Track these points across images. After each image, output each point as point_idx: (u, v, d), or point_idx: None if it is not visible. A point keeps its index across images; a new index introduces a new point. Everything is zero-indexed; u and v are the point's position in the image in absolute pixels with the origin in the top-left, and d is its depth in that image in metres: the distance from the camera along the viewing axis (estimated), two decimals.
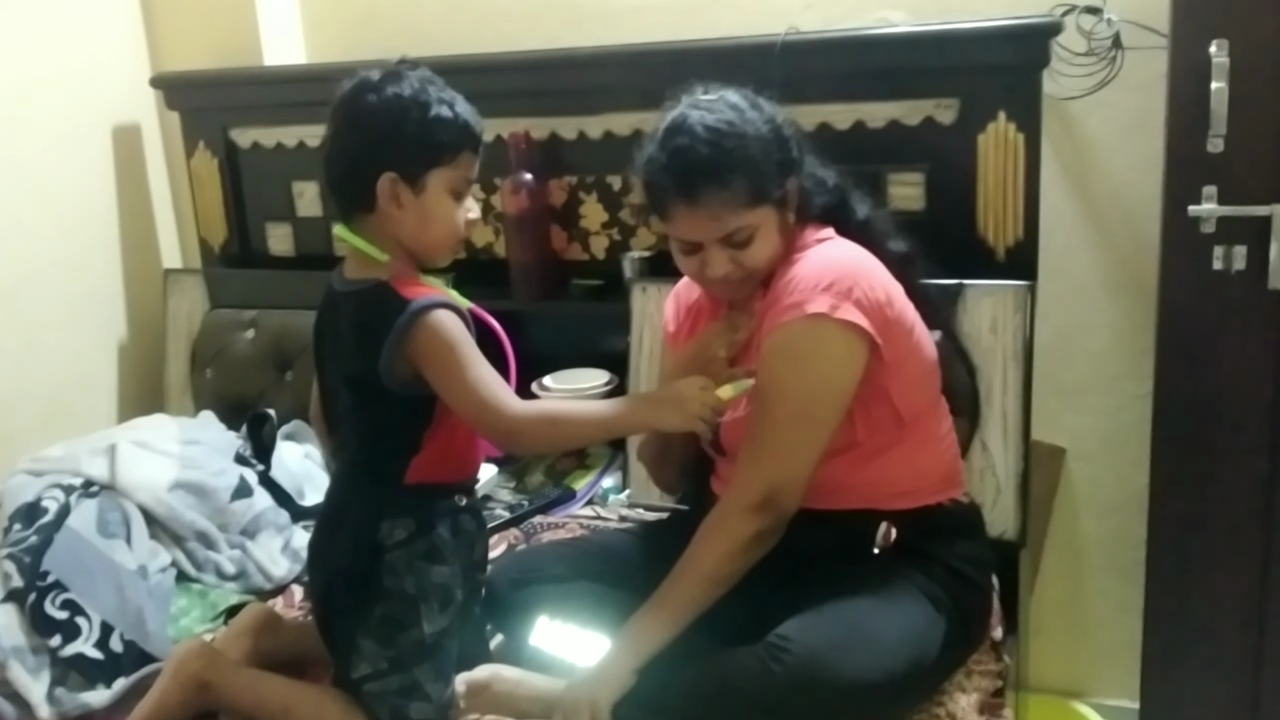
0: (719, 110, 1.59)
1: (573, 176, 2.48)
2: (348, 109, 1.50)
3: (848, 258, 1.62)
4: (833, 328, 1.54)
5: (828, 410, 1.58)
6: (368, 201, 1.50)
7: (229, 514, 2.06)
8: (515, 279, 2.47)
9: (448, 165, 1.50)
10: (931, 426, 1.71)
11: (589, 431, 1.57)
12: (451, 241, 1.55)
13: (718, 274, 1.61)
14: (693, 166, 1.55)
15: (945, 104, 2.14)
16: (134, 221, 2.82)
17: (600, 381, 2.42)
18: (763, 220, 1.59)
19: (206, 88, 2.75)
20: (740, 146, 1.56)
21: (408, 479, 1.53)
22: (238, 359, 2.63)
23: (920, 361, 1.67)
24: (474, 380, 1.46)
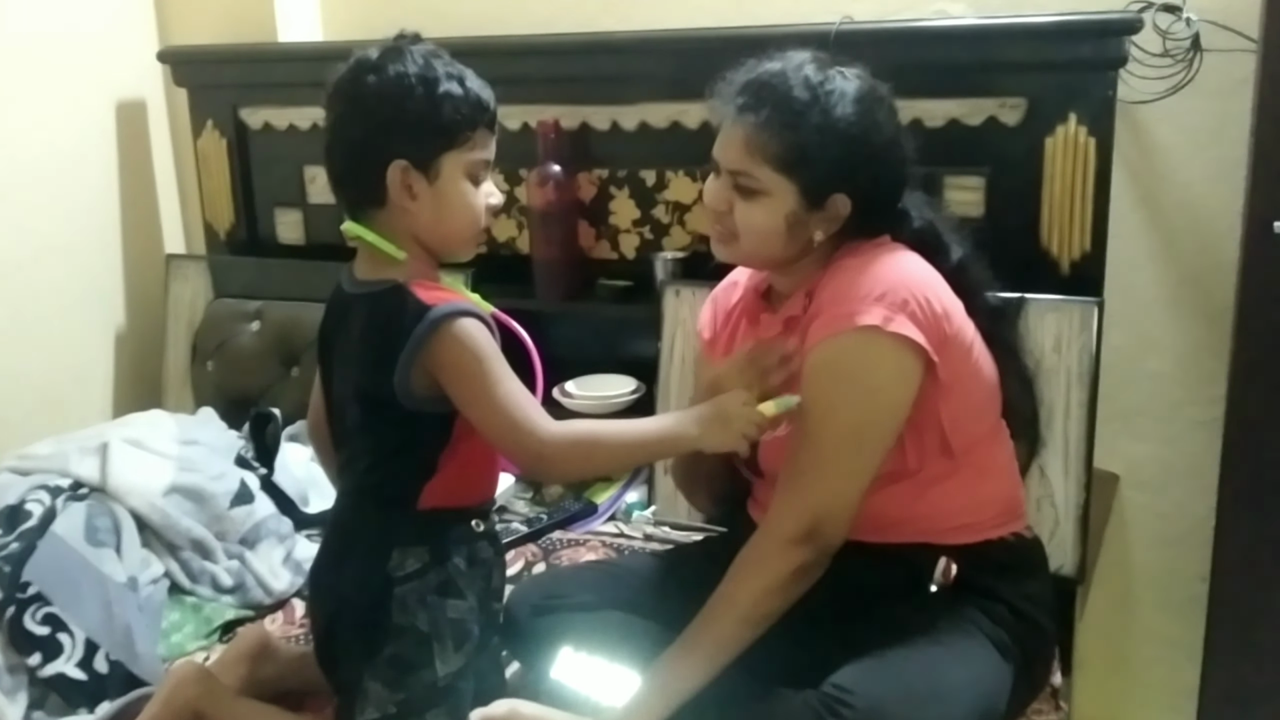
0: (838, 79, 1.46)
1: (603, 170, 2.34)
2: (347, 93, 1.35)
3: (903, 266, 1.47)
4: (885, 342, 1.40)
5: (878, 434, 1.44)
6: (377, 194, 1.36)
7: (227, 521, 1.91)
8: (539, 277, 2.33)
9: (462, 147, 1.36)
10: (991, 454, 1.57)
11: (627, 455, 1.43)
12: (473, 231, 1.41)
13: (708, 199, 1.52)
14: (764, 88, 1.44)
15: (1011, 103, 1.99)
16: (136, 203, 2.69)
17: (626, 389, 2.28)
18: (776, 193, 1.45)
19: (216, 64, 2.61)
20: (821, 117, 1.43)
21: (421, 504, 1.39)
22: (241, 352, 2.49)
23: (979, 384, 1.52)
24: (503, 398, 1.32)
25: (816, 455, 1.43)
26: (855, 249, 1.50)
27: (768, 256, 1.52)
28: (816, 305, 1.47)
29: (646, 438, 1.38)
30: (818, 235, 1.49)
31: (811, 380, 1.44)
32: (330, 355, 1.46)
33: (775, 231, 1.47)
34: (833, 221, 1.48)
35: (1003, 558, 1.55)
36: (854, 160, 1.45)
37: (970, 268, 1.54)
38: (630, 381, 2.31)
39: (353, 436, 1.43)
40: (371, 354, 1.35)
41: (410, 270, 1.37)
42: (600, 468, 1.64)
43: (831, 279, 1.47)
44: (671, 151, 2.26)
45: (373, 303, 1.37)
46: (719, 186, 1.50)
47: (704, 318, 1.73)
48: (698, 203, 2.27)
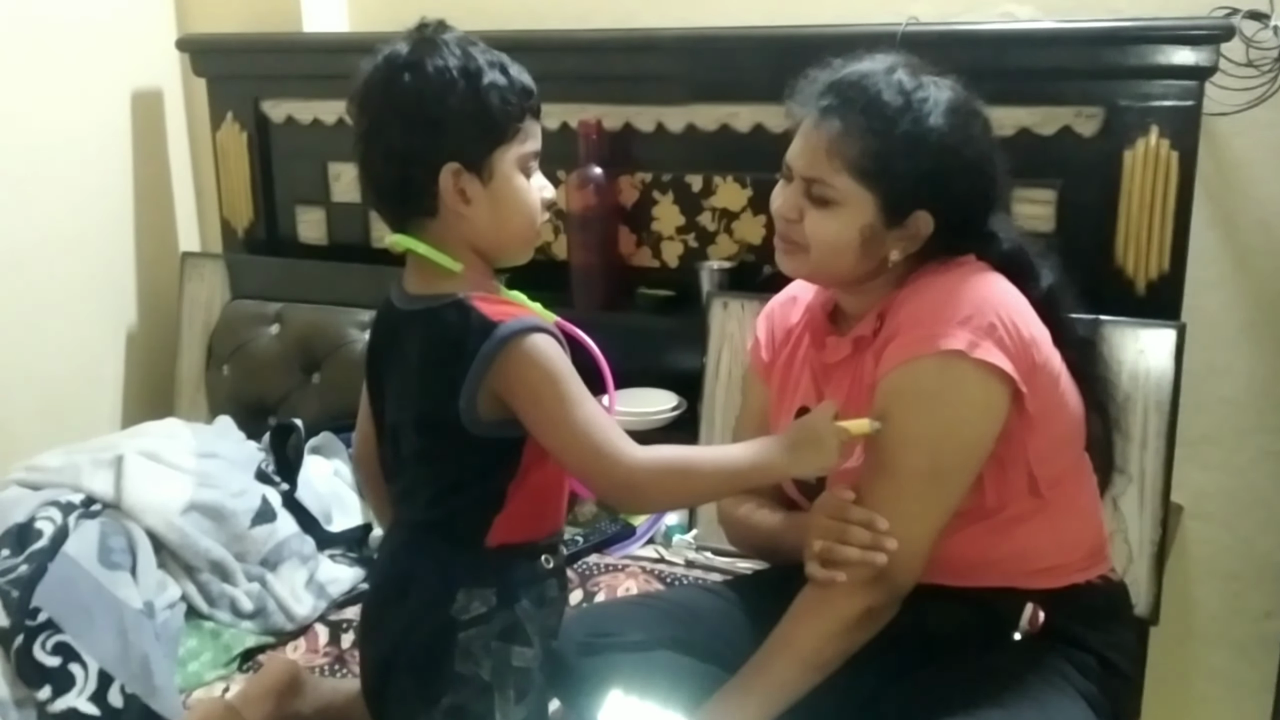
0: (931, 87, 1.35)
1: (646, 173, 2.23)
2: (382, 95, 1.23)
3: (990, 288, 1.36)
4: (970, 369, 1.29)
5: (958, 469, 1.33)
6: (428, 203, 1.24)
7: (248, 541, 1.80)
8: (576, 284, 2.22)
9: (514, 140, 1.24)
10: (1076, 490, 1.45)
11: (722, 484, 1.31)
12: (532, 229, 1.29)
13: (777, 205, 1.41)
14: (852, 89, 1.34)
15: (1087, 113, 1.88)
16: (151, 198, 2.58)
17: (667, 406, 2.17)
18: (853, 204, 1.34)
19: (238, 53, 2.50)
20: (912, 125, 1.32)
21: (489, 541, 1.27)
22: (259, 357, 2.38)
23: (1066, 417, 1.41)
24: (584, 422, 1.20)
25: (890, 489, 1.32)
26: (936, 268, 1.39)
27: (837, 272, 1.41)
28: (892, 326, 1.36)
29: (739, 465, 1.27)
30: (894, 254, 1.38)
31: (887, 406, 1.32)
32: (381, 378, 1.34)
33: (848, 245, 1.36)
34: (912, 240, 1.37)
35: (1091, 603, 1.44)
36: (942, 175, 1.34)
37: (1060, 295, 1.43)
38: (671, 397, 2.19)
39: (411, 466, 1.31)
40: (433, 376, 1.24)
41: (468, 282, 1.26)
42: (692, 498, 1.51)
43: (910, 298, 1.36)
44: (720, 155, 2.16)
45: (431, 320, 1.25)
46: (790, 192, 1.39)
47: (760, 333, 1.61)
48: (746, 210, 2.16)
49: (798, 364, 1.53)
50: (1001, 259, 1.41)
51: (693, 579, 1.93)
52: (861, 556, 1.29)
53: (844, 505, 1.32)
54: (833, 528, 1.31)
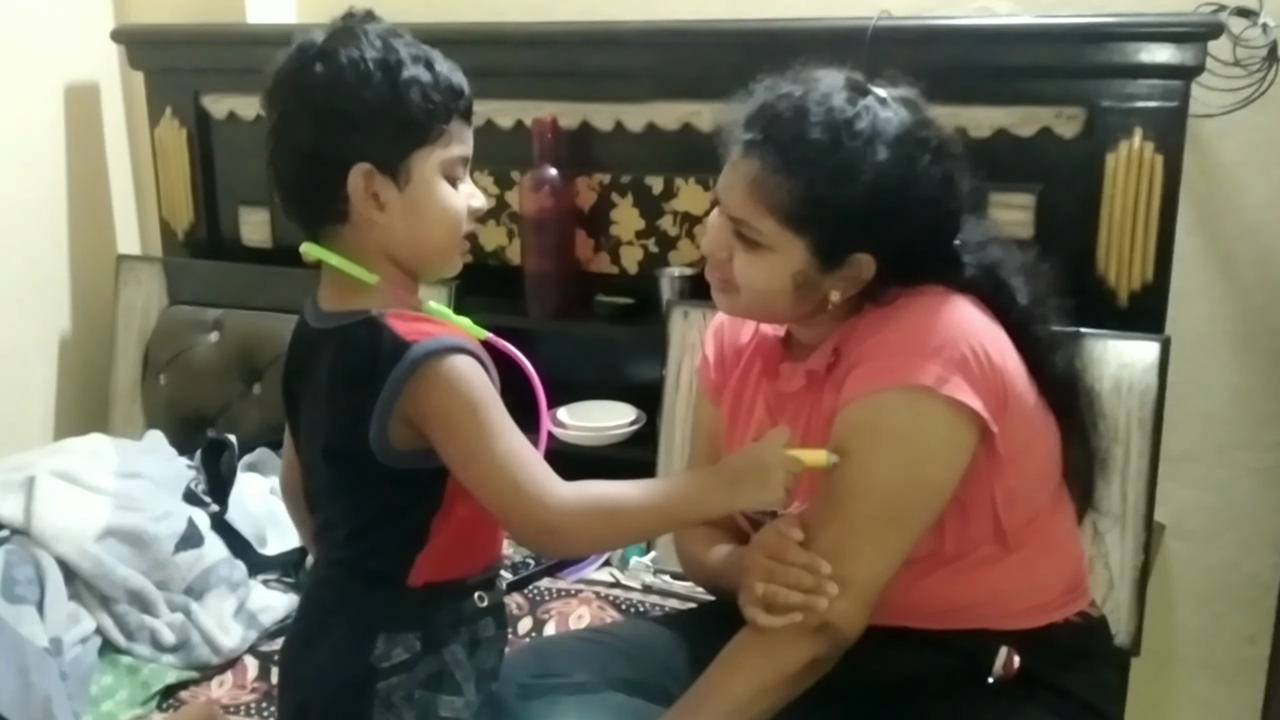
0: (873, 112, 1.20)
1: (605, 174, 2.12)
2: (291, 87, 1.11)
3: (959, 316, 1.24)
4: (938, 406, 1.18)
5: (916, 512, 1.22)
6: (338, 207, 1.11)
7: (171, 568, 1.68)
8: (530, 291, 2.11)
9: (435, 142, 1.12)
10: (1052, 525, 1.34)
11: (655, 522, 1.19)
12: (454, 240, 1.16)
13: (706, 244, 1.30)
14: (775, 122, 1.20)
15: (1068, 114, 1.78)
16: (86, 197, 2.45)
17: (625, 420, 2.06)
18: (781, 250, 1.22)
19: (177, 45, 2.37)
20: (840, 166, 1.18)
21: (412, 580, 1.15)
22: (197, 366, 2.25)
23: (1040, 455, 1.30)
24: (503, 455, 1.08)
25: (840, 530, 1.21)
26: (896, 296, 1.26)
27: (773, 314, 1.30)
28: (854, 355, 1.24)
29: (673, 501, 1.15)
30: (834, 295, 1.25)
31: (844, 441, 1.21)
32: (297, 404, 1.22)
33: (780, 291, 1.24)
34: (852, 282, 1.25)
35: (1069, 643, 1.33)
36: (880, 217, 1.20)
37: (1037, 317, 1.31)
38: (629, 410, 2.08)
39: (325, 500, 1.19)
40: (342, 402, 1.12)
41: (384, 297, 1.14)
42: (620, 539, 1.34)
43: (872, 329, 1.25)
44: (681, 156, 2.04)
45: (341, 340, 1.13)
46: (719, 229, 1.27)
47: (708, 351, 1.49)
48: (709, 214, 2.04)
49: (750, 389, 1.41)
50: (969, 283, 1.28)
51: (649, 605, 1.83)
52: (803, 601, 1.18)
53: (784, 544, 1.21)
54: (773, 569, 1.20)
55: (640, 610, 1.82)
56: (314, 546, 1.28)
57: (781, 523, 1.23)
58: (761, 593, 1.20)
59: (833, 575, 1.18)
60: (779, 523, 1.24)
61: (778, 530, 1.23)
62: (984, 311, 1.26)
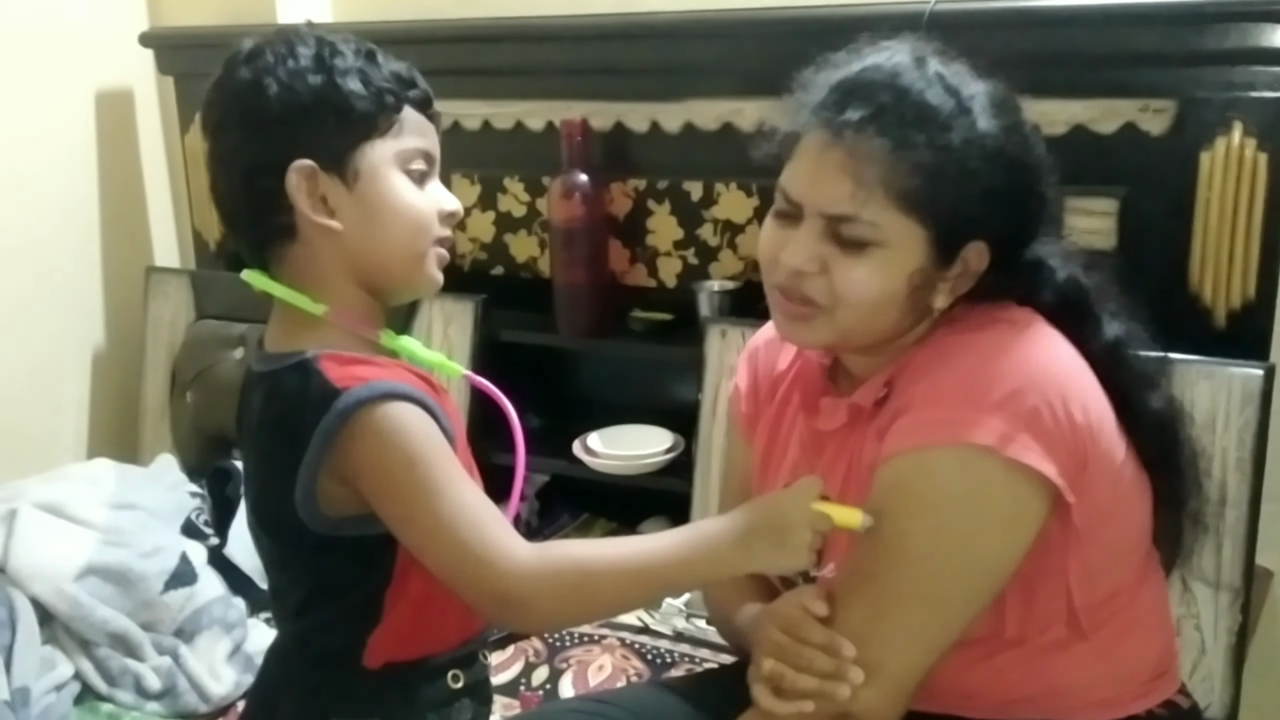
0: (967, 80, 1.04)
1: (640, 179, 1.96)
2: (219, 98, 1.00)
3: (1037, 352, 1.04)
4: (999, 472, 0.98)
5: (965, 594, 1.03)
6: (283, 221, 0.98)
7: (160, 609, 1.58)
8: (560, 306, 1.96)
9: (387, 133, 0.99)
10: (1137, 602, 1.13)
11: (637, 590, 0.98)
12: (421, 244, 1.01)
13: (795, 260, 1.05)
14: (882, 91, 1.01)
15: (1156, 106, 1.56)
16: (120, 208, 2.38)
17: (661, 447, 1.89)
18: (900, 244, 1.02)
19: (207, 48, 2.22)
20: (967, 133, 1.01)
21: (367, 660, 1.01)
22: (222, 383, 2.15)
23: (1126, 524, 1.09)
24: (449, 515, 0.92)
25: (871, 607, 1.02)
26: (963, 317, 1.07)
27: (871, 334, 1.08)
28: (904, 398, 1.05)
29: (665, 563, 0.96)
30: (939, 300, 1.06)
31: (884, 502, 1.02)
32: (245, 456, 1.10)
33: (893, 299, 1.04)
34: (963, 280, 1.06)
35: None
36: (1003, 192, 1.03)
37: (1130, 352, 1.10)
38: (666, 436, 1.92)
39: (269, 567, 1.07)
40: (268, 460, 0.99)
41: (331, 333, 0.99)
42: (598, 609, 1.06)
43: (929, 363, 1.05)
44: (723, 159, 1.86)
45: (270, 386, 0.99)
46: (804, 237, 1.04)
47: (741, 380, 1.31)
48: (752, 222, 1.87)
49: (786, 426, 1.22)
50: (1054, 304, 1.08)
51: (679, 657, 1.66)
52: (816, 688, 1.00)
53: (801, 618, 1.02)
54: (784, 646, 1.02)
55: (669, 661, 1.65)
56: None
57: (804, 593, 1.05)
58: (768, 672, 1.03)
59: (858, 659, 0.99)
60: (800, 592, 1.06)
61: (798, 601, 1.04)
62: (1066, 343, 1.06)
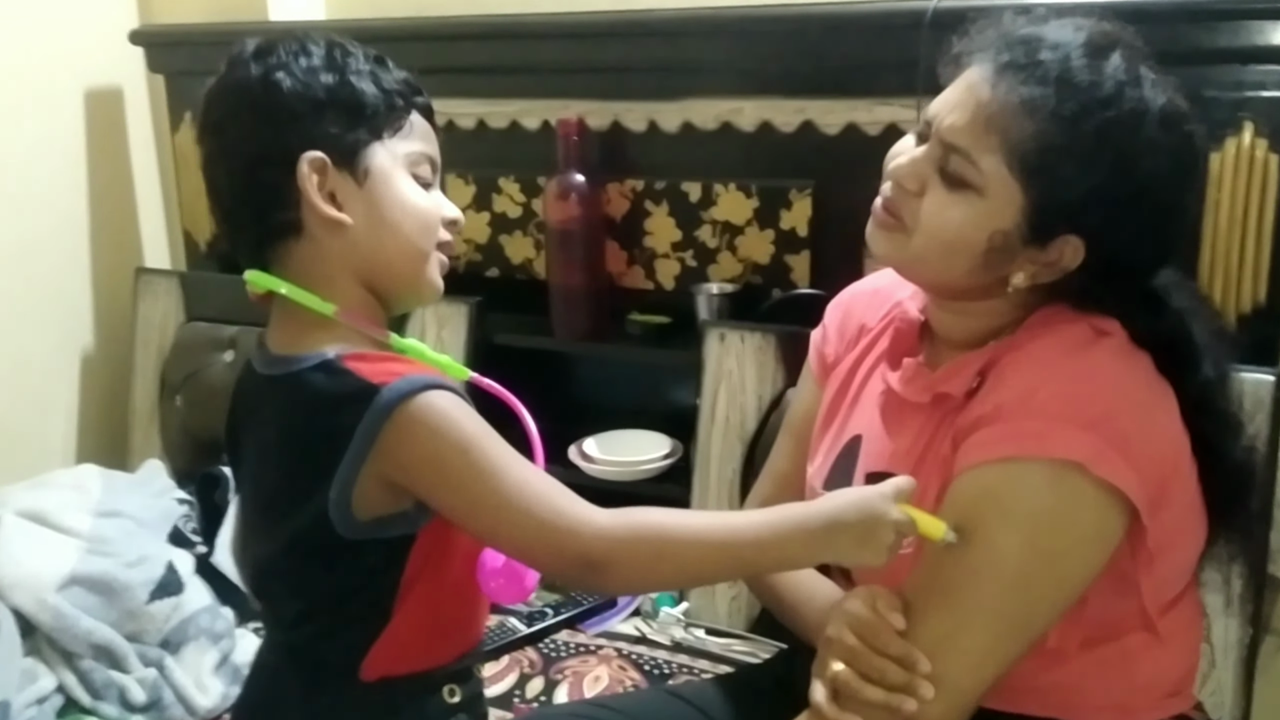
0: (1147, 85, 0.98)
1: (638, 180, 1.92)
2: (224, 95, 0.99)
3: (1134, 378, 1.01)
4: (1088, 488, 0.95)
5: (1042, 611, 0.99)
6: (289, 217, 0.96)
7: (145, 619, 1.54)
8: (556, 308, 1.92)
9: (397, 134, 0.99)
10: (1175, 615, 1.10)
11: (715, 564, 0.94)
12: (426, 246, 1.00)
13: (900, 173, 1.04)
14: (1042, 53, 0.98)
15: None
16: (109, 208, 2.34)
17: (659, 453, 1.86)
18: (994, 196, 0.99)
19: (197, 46, 2.23)
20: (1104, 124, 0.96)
21: (365, 673, 0.97)
22: (213, 387, 2.11)
23: (1182, 551, 1.07)
24: (516, 490, 0.90)
25: (948, 623, 0.98)
26: (1067, 322, 1.03)
27: (938, 275, 1.05)
28: (995, 397, 1.01)
29: (746, 541, 0.93)
30: (1018, 278, 1.02)
31: (967, 514, 0.98)
32: (241, 462, 1.06)
33: (968, 247, 1.01)
34: (1047, 269, 1.02)
35: None
36: (1121, 201, 0.98)
37: (1221, 394, 1.07)
38: (664, 442, 1.88)
39: (269, 575, 1.03)
40: (296, 463, 0.95)
41: (344, 332, 0.97)
42: (677, 578, 1.07)
43: (1024, 369, 1.01)
44: (721, 159, 1.84)
45: (294, 388, 0.95)
46: (919, 157, 1.03)
47: (829, 324, 1.26)
48: (751, 224, 1.84)
49: (861, 377, 1.18)
50: (1153, 337, 1.03)
51: (676, 668, 1.63)
52: (886, 700, 0.96)
53: (879, 627, 0.98)
54: (859, 653, 0.98)
55: (666, 672, 1.62)
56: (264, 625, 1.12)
57: (880, 596, 1.01)
58: (834, 675, 0.98)
59: (929, 674, 0.96)
60: (875, 595, 1.01)
61: (874, 607, 1.00)
62: (1161, 376, 1.02)
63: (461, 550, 0.98)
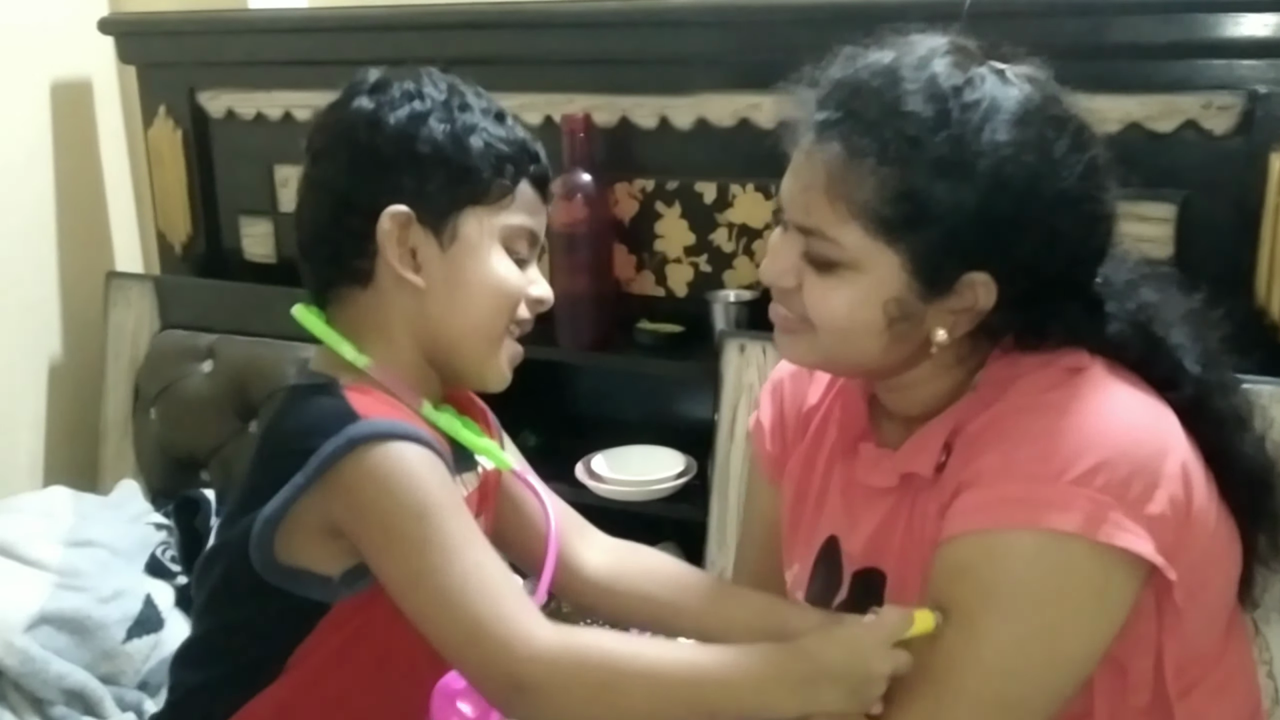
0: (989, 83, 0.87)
1: (648, 180, 1.82)
2: (329, 124, 0.95)
3: (1124, 415, 0.89)
4: (1087, 559, 0.84)
5: (1051, 694, 0.88)
6: (362, 265, 0.92)
7: (122, 659, 1.43)
8: (561, 316, 1.80)
9: (498, 203, 0.93)
10: (1224, 662, 1.00)
11: (674, 709, 0.84)
12: (500, 324, 0.94)
13: (766, 270, 0.95)
14: (860, 95, 0.87)
15: (1220, 103, 1.43)
16: (79, 207, 2.21)
17: (673, 471, 1.75)
18: (870, 268, 0.88)
19: (169, 36, 2.12)
20: (951, 146, 0.85)
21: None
22: (190, 399, 1.99)
23: (1220, 577, 0.96)
24: (461, 578, 0.82)
25: (936, 708, 0.87)
26: (1033, 369, 0.92)
27: (858, 362, 0.95)
28: (967, 469, 0.90)
29: (708, 681, 0.83)
30: (939, 336, 0.91)
31: (946, 593, 0.88)
32: None
33: (867, 328, 0.91)
34: (966, 316, 0.91)
35: None
36: (1003, 221, 0.87)
37: (1217, 389, 0.96)
38: (678, 459, 1.78)
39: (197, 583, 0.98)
40: (257, 477, 0.90)
41: (365, 377, 0.91)
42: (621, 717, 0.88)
43: (995, 429, 0.90)
44: (738, 158, 1.73)
45: (287, 400, 0.93)
46: (784, 248, 0.93)
47: (764, 414, 1.16)
48: (770, 226, 1.72)
49: (820, 470, 1.08)
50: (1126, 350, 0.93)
51: None
52: None
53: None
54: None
55: None
56: None
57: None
58: None
59: None
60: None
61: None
62: (1142, 388, 0.92)
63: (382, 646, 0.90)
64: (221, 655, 0.92)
